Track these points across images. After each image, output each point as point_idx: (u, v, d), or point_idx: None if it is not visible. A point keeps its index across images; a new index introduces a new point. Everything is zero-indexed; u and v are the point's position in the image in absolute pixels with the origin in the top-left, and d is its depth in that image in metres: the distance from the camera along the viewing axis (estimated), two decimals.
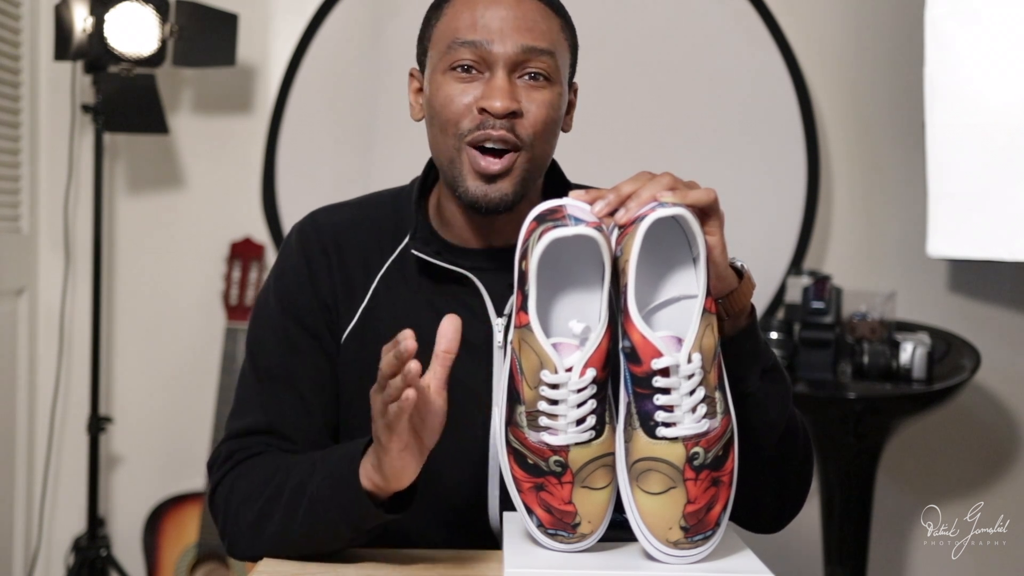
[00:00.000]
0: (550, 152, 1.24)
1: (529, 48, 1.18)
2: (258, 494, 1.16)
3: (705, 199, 1.02)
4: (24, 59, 2.87)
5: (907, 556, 2.78)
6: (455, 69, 1.19)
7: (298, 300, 1.28)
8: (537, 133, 1.19)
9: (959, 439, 2.78)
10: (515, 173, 1.19)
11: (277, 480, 1.15)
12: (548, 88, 1.20)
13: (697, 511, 0.98)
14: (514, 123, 1.18)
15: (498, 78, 1.18)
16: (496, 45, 1.18)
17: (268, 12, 2.89)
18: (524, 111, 1.18)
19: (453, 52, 1.19)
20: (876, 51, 2.81)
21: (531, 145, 1.19)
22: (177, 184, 2.94)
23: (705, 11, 2.77)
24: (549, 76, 1.20)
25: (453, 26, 1.20)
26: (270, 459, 1.20)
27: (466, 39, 1.18)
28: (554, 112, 1.20)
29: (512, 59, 1.18)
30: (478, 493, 1.23)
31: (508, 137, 1.18)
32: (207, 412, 2.80)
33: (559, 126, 1.23)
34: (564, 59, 1.23)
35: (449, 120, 1.20)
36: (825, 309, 2.42)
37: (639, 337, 0.97)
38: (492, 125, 1.17)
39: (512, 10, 1.19)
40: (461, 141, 1.19)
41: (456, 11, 1.21)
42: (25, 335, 2.89)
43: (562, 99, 1.22)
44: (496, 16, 1.18)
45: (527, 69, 1.19)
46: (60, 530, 2.91)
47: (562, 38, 1.22)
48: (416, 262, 1.26)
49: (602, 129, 2.72)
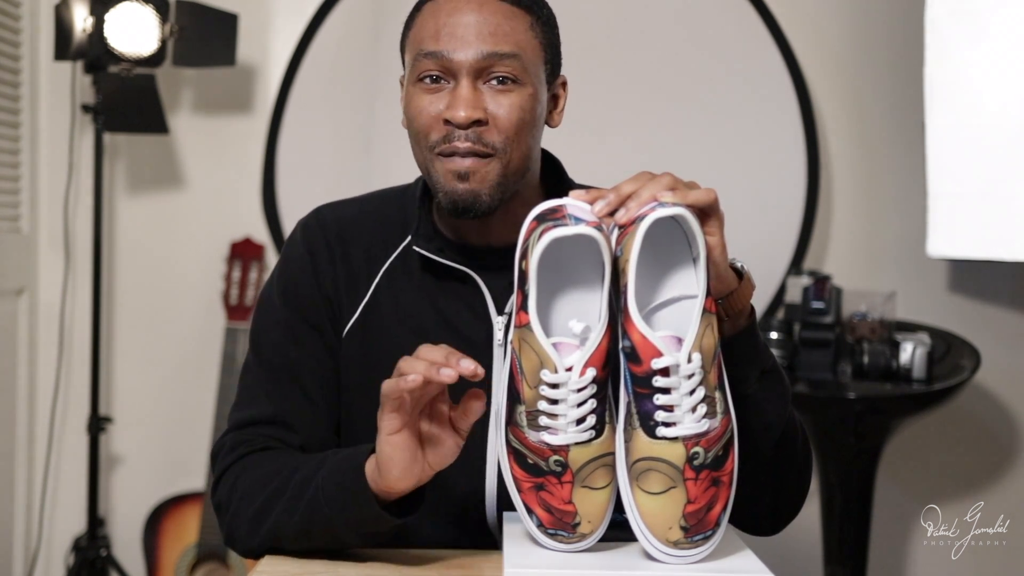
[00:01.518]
0: (528, 153, 1.21)
1: (491, 53, 1.17)
2: (260, 489, 1.16)
3: (705, 199, 1.02)
4: (24, 59, 2.87)
5: (907, 556, 2.78)
6: (423, 80, 1.19)
7: (301, 293, 1.28)
8: (508, 138, 1.18)
9: (959, 439, 2.78)
10: (488, 179, 1.19)
11: (282, 476, 1.16)
12: (516, 91, 1.18)
13: (697, 511, 0.98)
14: (481, 132, 1.17)
15: (462, 87, 1.17)
16: (458, 53, 1.17)
17: (268, 12, 2.90)
18: (491, 117, 1.17)
19: (419, 63, 1.19)
20: (876, 51, 2.81)
21: (503, 150, 1.18)
22: (177, 184, 2.94)
23: (705, 11, 2.77)
24: (516, 78, 1.18)
25: (419, 36, 1.20)
26: (275, 455, 1.21)
27: (429, 50, 1.18)
28: (525, 114, 1.19)
29: (474, 66, 1.17)
30: (476, 491, 1.24)
31: (476, 148, 1.17)
32: (207, 412, 2.80)
33: (535, 127, 1.21)
34: (534, 58, 1.20)
35: (420, 131, 1.20)
36: (825, 309, 2.42)
37: (639, 337, 0.97)
38: (458, 136, 1.17)
39: (474, 15, 1.17)
40: (432, 152, 1.20)
41: (422, 21, 1.21)
42: (25, 335, 2.89)
43: (535, 99, 1.20)
44: (458, 23, 1.17)
45: (493, 74, 1.18)
46: (60, 530, 2.91)
47: (530, 36, 1.20)
48: (418, 259, 1.26)
49: (602, 129, 2.72)
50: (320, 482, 1.11)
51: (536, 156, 1.26)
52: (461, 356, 1.00)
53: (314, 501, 1.10)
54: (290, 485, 1.14)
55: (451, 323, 1.24)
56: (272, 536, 1.14)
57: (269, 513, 1.14)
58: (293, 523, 1.12)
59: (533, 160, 1.24)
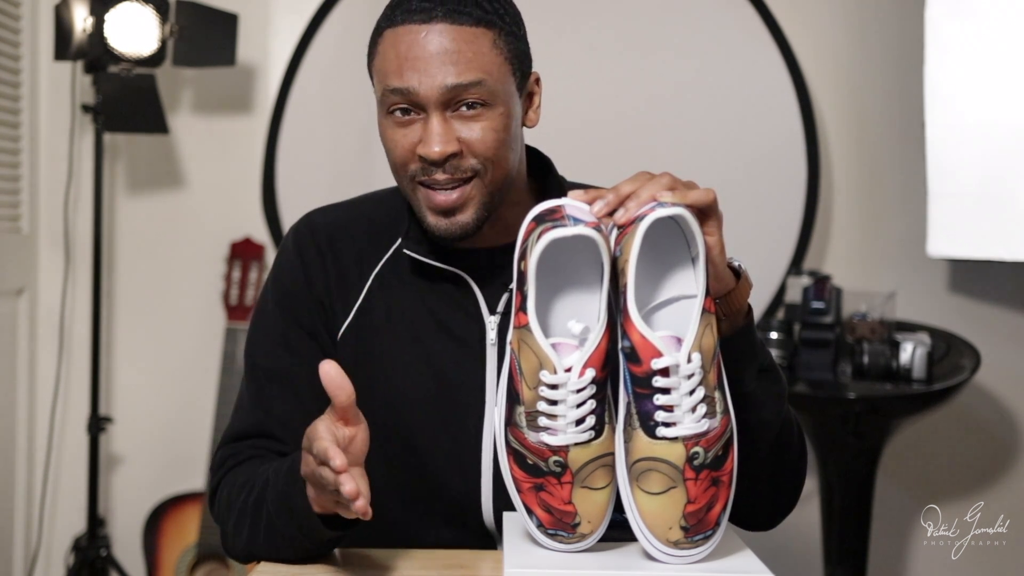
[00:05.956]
0: (508, 168, 1.21)
1: (455, 85, 1.15)
2: (235, 503, 1.20)
3: (704, 199, 1.02)
4: (24, 59, 2.87)
5: (907, 556, 2.78)
6: (392, 112, 1.19)
7: (295, 300, 1.28)
8: (487, 159, 1.18)
9: (959, 439, 2.78)
10: (473, 201, 1.19)
11: (244, 494, 1.19)
12: (486, 114, 1.17)
13: (697, 511, 0.98)
14: (457, 162, 1.17)
15: (432, 123, 1.17)
16: (423, 88, 1.16)
17: (268, 12, 2.90)
18: (465, 144, 1.17)
19: (387, 98, 1.19)
20: (876, 51, 2.81)
21: (483, 171, 1.18)
22: (177, 184, 2.94)
23: (705, 11, 2.77)
24: (485, 102, 1.17)
25: (384, 70, 1.19)
26: (246, 469, 1.23)
27: (394, 86, 1.17)
28: (499, 134, 1.18)
29: (440, 99, 1.16)
30: (472, 491, 1.24)
31: (456, 176, 1.18)
32: (207, 412, 2.80)
33: (512, 141, 1.21)
34: (501, 76, 1.18)
35: (396, 163, 1.21)
36: (825, 309, 2.42)
37: (639, 337, 0.97)
38: (435, 170, 1.17)
39: (433, 46, 1.16)
40: (412, 182, 1.20)
41: (384, 51, 1.20)
42: (25, 335, 2.89)
43: (508, 117, 1.19)
44: (418, 57, 1.16)
45: (461, 101, 1.17)
46: (60, 530, 2.91)
47: (494, 55, 1.18)
48: (409, 261, 1.26)
49: (602, 129, 2.72)
50: (269, 505, 1.14)
51: (518, 162, 1.25)
52: (332, 456, 0.99)
53: (269, 524, 1.13)
54: (250, 505, 1.17)
55: (444, 324, 1.24)
56: (254, 549, 1.17)
57: (241, 529, 1.18)
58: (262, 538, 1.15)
59: (515, 171, 1.24)
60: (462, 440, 1.23)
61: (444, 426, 1.23)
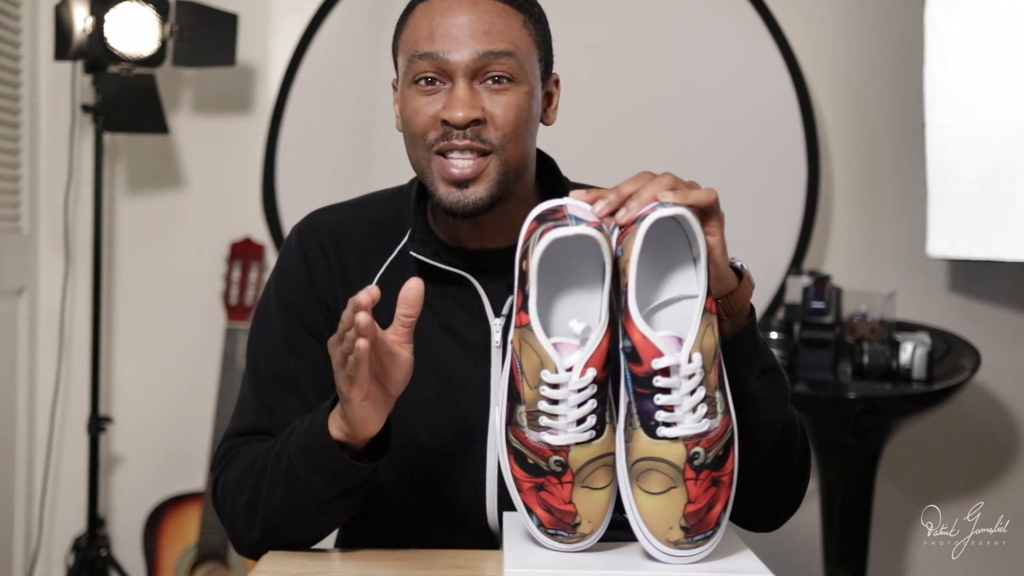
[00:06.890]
0: (526, 151, 1.22)
1: (486, 52, 1.17)
2: (247, 477, 1.17)
3: (706, 199, 1.02)
4: (24, 59, 2.87)
5: (907, 556, 2.78)
6: (418, 82, 1.19)
7: (298, 301, 1.28)
8: (506, 135, 1.19)
9: (959, 439, 2.78)
10: (488, 176, 1.19)
11: (261, 459, 1.17)
12: (513, 89, 1.19)
13: (697, 511, 0.98)
14: (479, 130, 1.18)
15: (458, 88, 1.17)
16: (453, 54, 1.17)
17: (268, 12, 2.89)
18: (489, 116, 1.18)
19: (414, 65, 1.19)
20: (876, 51, 2.81)
21: (501, 148, 1.19)
22: (177, 184, 2.94)
23: (705, 11, 2.77)
24: (512, 77, 1.18)
25: (413, 38, 1.20)
26: (253, 447, 1.22)
27: (424, 51, 1.18)
28: (522, 112, 1.19)
29: (470, 66, 1.17)
30: (476, 492, 1.24)
31: (474, 145, 1.18)
32: (207, 412, 2.80)
33: (532, 124, 1.22)
34: (529, 55, 1.21)
35: (416, 132, 1.20)
36: (825, 309, 2.42)
37: (640, 337, 0.97)
38: (456, 135, 1.18)
39: (467, 15, 1.18)
40: (429, 151, 1.20)
41: (416, 22, 1.21)
42: (25, 335, 2.89)
43: (531, 97, 1.21)
44: (452, 24, 1.18)
45: (488, 73, 1.18)
46: (60, 530, 2.91)
47: (524, 34, 1.20)
48: (415, 262, 1.26)
49: (603, 129, 2.72)
50: (291, 451, 1.12)
51: (532, 155, 1.26)
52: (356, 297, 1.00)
53: (290, 471, 1.11)
54: (268, 463, 1.15)
55: (448, 326, 1.24)
56: (267, 521, 1.15)
57: (258, 495, 1.15)
58: (279, 498, 1.13)
59: (530, 159, 1.25)
60: (466, 442, 1.23)
61: (448, 428, 1.23)
